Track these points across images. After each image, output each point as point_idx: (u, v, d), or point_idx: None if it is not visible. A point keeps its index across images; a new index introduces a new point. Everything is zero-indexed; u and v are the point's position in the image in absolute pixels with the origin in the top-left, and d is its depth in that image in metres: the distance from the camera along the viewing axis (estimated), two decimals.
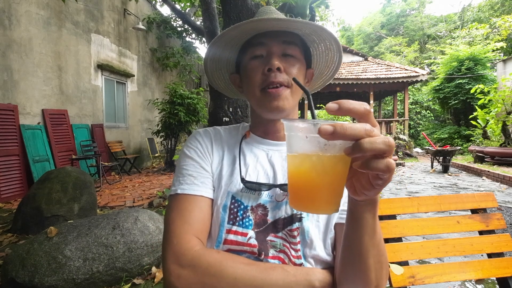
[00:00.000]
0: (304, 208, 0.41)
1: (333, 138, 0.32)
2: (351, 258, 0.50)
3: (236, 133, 0.74)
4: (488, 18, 19.22)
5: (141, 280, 2.06)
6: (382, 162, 0.33)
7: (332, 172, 0.37)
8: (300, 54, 0.67)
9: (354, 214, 0.46)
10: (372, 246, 0.47)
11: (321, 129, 0.32)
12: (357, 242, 0.47)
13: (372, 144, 0.32)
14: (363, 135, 0.32)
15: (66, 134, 5.84)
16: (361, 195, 0.40)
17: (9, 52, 4.79)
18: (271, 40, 0.64)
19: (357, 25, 33.01)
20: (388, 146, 0.32)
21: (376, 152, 0.32)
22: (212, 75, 0.78)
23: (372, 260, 0.48)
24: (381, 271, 0.50)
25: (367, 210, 0.44)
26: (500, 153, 7.45)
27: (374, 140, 0.32)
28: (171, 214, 0.60)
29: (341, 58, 0.73)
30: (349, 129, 0.32)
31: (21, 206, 3.05)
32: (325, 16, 8.69)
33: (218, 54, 0.72)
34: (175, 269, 0.53)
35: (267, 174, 0.66)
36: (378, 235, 0.48)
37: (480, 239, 1.19)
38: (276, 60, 0.62)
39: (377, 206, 0.45)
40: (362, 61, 13.17)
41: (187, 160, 0.67)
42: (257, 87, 0.64)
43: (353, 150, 0.33)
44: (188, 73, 10.51)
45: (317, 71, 0.78)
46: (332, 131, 0.31)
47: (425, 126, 16.69)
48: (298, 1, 2.80)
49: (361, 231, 0.46)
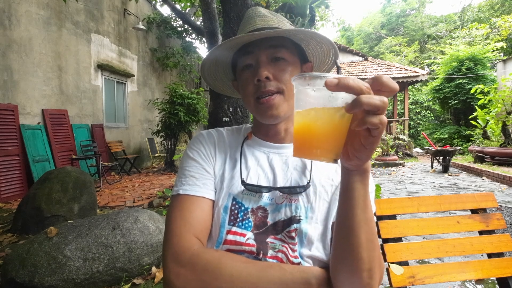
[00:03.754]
0: (308, 155, 0.43)
1: (337, 89, 0.37)
2: (344, 234, 0.51)
3: (238, 135, 0.75)
4: (488, 18, 19.22)
5: (141, 280, 2.06)
6: (377, 117, 0.37)
7: (335, 122, 0.41)
8: (291, 54, 0.67)
9: (346, 185, 0.48)
10: (364, 221, 0.49)
11: (327, 81, 0.37)
12: (350, 215, 0.49)
13: (369, 99, 0.36)
14: (363, 89, 0.37)
15: (66, 134, 5.84)
16: (354, 158, 0.43)
17: (9, 52, 4.79)
18: (258, 48, 0.65)
19: (357, 25, 33.00)
20: (383, 102, 0.37)
21: (372, 107, 0.36)
22: (214, 84, 0.81)
23: (364, 236, 0.49)
24: (373, 252, 0.51)
25: (358, 180, 0.47)
26: (500, 153, 7.45)
27: (371, 96, 0.37)
28: (172, 214, 0.61)
29: (336, 50, 0.70)
30: (351, 81, 0.36)
31: (21, 206, 3.05)
32: (325, 16, 8.69)
33: (214, 67, 0.76)
34: (174, 267, 0.54)
35: (268, 177, 0.67)
36: (370, 212, 0.50)
37: (480, 239, 1.19)
38: (263, 70, 0.63)
39: (367, 177, 0.48)
40: (362, 61, 13.17)
41: (189, 162, 0.68)
42: (251, 97, 0.66)
43: (352, 105, 0.37)
44: (188, 73, 10.51)
45: (318, 62, 0.77)
46: (337, 83, 0.36)
47: (425, 126, 16.69)
48: (298, 1, 2.80)
49: (353, 203, 0.48)
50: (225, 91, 0.85)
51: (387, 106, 0.37)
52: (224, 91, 0.85)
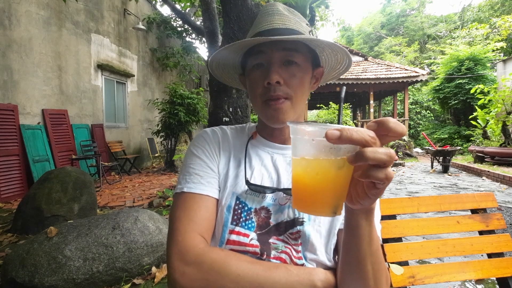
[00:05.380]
0: (307, 210, 0.42)
1: (340, 142, 0.33)
2: (350, 265, 0.52)
3: (242, 134, 0.74)
4: (488, 18, 19.21)
5: (141, 280, 2.06)
6: (382, 171, 0.34)
7: (336, 176, 0.37)
8: (304, 58, 0.65)
9: (350, 222, 0.48)
10: (369, 253, 0.49)
11: (328, 134, 0.33)
12: (355, 249, 0.49)
13: (374, 154, 0.33)
14: (368, 140, 0.34)
15: (66, 134, 5.84)
16: (356, 204, 0.41)
17: (9, 52, 4.79)
18: (271, 49, 0.62)
19: (357, 25, 33.01)
20: (389, 157, 0.34)
21: (378, 161, 0.33)
22: (221, 76, 0.79)
23: (370, 267, 0.50)
24: (380, 278, 0.51)
25: (363, 218, 0.46)
26: (500, 153, 7.45)
27: (377, 149, 0.33)
28: (177, 212, 0.60)
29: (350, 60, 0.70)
30: (355, 133, 0.33)
31: (21, 206, 3.05)
32: (325, 16, 8.68)
33: (223, 61, 0.73)
34: (180, 266, 0.53)
35: (271, 177, 0.66)
36: (376, 243, 0.50)
37: (480, 239, 1.19)
38: (275, 74, 0.61)
39: (372, 215, 0.47)
40: (362, 61, 13.16)
41: (194, 159, 0.66)
42: (259, 98, 0.64)
43: (356, 158, 0.34)
44: (188, 73, 10.50)
45: (329, 67, 0.76)
46: (339, 136, 0.33)
47: (425, 126, 16.69)
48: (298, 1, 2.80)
49: (358, 238, 0.48)
50: (231, 83, 0.83)
51: (393, 160, 0.34)
52: (231, 83, 0.83)
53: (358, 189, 0.40)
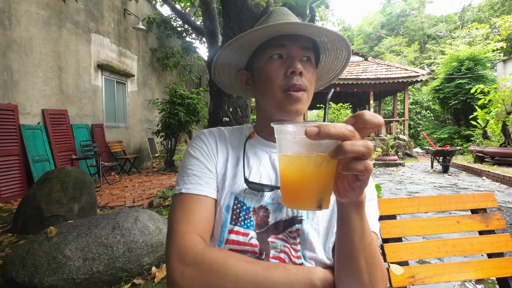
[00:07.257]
0: (294, 205, 0.43)
1: (319, 138, 0.35)
2: (343, 260, 0.52)
3: (239, 135, 0.74)
4: (488, 18, 19.22)
5: (141, 280, 2.06)
6: (361, 163, 0.36)
7: (318, 171, 0.39)
8: (314, 59, 0.68)
9: (342, 216, 0.49)
10: (362, 247, 0.49)
11: (307, 131, 0.35)
12: (348, 243, 0.50)
13: (352, 146, 0.34)
14: (346, 134, 0.35)
15: (66, 134, 5.84)
16: (344, 197, 0.43)
17: (9, 52, 4.79)
18: (292, 44, 0.64)
19: (357, 25, 33.03)
20: (367, 148, 0.35)
21: (356, 154, 0.35)
22: (218, 72, 0.76)
23: (363, 261, 0.50)
24: (375, 273, 0.51)
25: (353, 211, 0.47)
26: (500, 153, 7.45)
27: (355, 142, 0.35)
28: (175, 213, 0.60)
29: (345, 66, 0.76)
30: (333, 129, 0.35)
31: (21, 206, 3.05)
32: (325, 16, 8.69)
33: (232, 54, 0.71)
34: (179, 266, 0.54)
35: (270, 176, 0.66)
36: (368, 237, 0.50)
37: (480, 239, 1.19)
38: (299, 63, 0.62)
39: (363, 208, 0.47)
40: (362, 61, 13.17)
41: (192, 160, 0.67)
42: (278, 88, 0.64)
43: (336, 152, 0.35)
44: (188, 73, 10.51)
45: (318, 74, 0.79)
46: (317, 132, 0.35)
47: (425, 126, 16.70)
48: (298, 1, 2.80)
49: (350, 232, 0.48)
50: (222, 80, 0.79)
51: (372, 151, 0.36)
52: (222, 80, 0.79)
53: (344, 182, 0.41)
